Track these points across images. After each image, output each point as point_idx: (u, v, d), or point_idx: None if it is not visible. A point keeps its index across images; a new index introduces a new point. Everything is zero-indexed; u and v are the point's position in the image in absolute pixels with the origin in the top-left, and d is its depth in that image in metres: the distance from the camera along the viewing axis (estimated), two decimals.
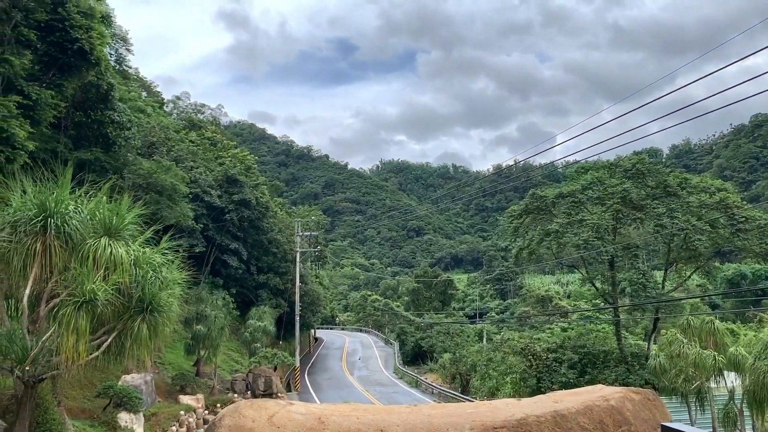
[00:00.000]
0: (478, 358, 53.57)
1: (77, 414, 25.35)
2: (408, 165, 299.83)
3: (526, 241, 47.33)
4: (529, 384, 42.32)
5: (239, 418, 3.73)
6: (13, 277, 14.33)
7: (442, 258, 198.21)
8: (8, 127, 26.24)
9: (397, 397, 50.13)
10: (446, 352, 65.12)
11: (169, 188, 41.45)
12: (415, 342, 79.12)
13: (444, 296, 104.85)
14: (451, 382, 57.12)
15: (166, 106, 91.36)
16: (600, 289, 46.73)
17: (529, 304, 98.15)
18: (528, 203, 48.17)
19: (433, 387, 54.69)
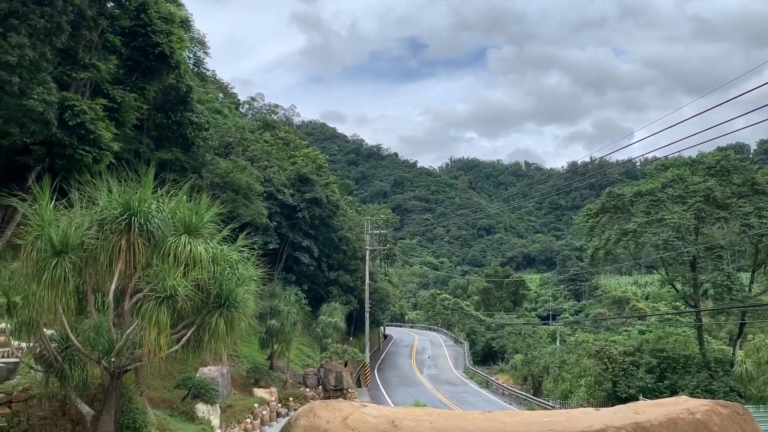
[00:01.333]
0: (550, 360, 52.46)
1: (158, 404, 26.45)
2: (478, 162, 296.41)
3: (602, 241, 45.92)
4: (604, 388, 41.03)
5: (314, 418, 3.74)
6: (100, 273, 15.07)
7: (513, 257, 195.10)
8: (96, 129, 27.69)
9: (467, 396, 49.73)
10: (518, 353, 64.11)
11: (245, 187, 42.65)
12: (486, 342, 78.29)
13: (515, 296, 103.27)
14: (522, 384, 56.16)
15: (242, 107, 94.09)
16: (681, 291, 44.68)
17: (604, 306, 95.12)
18: (604, 201, 46.66)
19: (504, 388, 53.93)
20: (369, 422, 3.71)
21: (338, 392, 42.91)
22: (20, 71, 24.48)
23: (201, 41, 60.70)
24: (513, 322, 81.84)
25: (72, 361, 14.91)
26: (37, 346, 15.35)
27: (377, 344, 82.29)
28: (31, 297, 14.10)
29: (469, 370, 66.82)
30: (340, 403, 3.95)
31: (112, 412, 15.28)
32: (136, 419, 17.64)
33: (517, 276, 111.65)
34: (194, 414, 27.57)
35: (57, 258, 13.88)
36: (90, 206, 15.23)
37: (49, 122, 25.74)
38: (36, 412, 15.88)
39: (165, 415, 25.44)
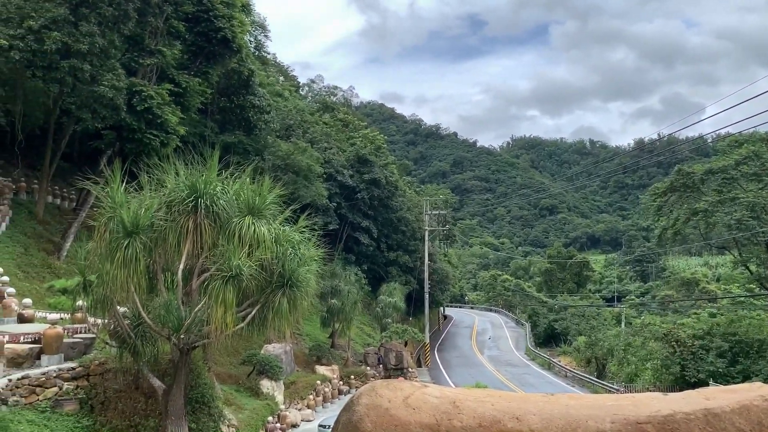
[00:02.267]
0: (615, 343, 51.25)
1: (225, 379, 27.38)
2: (540, 141, 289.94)
3: (670, 221, 44.34)
4: (672, 372, 39.82)
5: (376, 397, 3.77)
6: (169, 253, 15.63)
7: (577, 238, 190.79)
8: (162, 114, 28.57)
9: (528, 378, 49.29)
10: (581, 335, 62.95)
11: (305, 169, 43.23)
12: (548, 324, 77.20)
13: (579, 278, 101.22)
14: (585, 366, 55.16)
15: (302, 89, 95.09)
16: (755, 273, 42.73)
17: (672, 288, 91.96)
18: (673, 180, 44.95)
19: (567, 370, 53.14)
20: (430, 402, 3.71)
21: (398, 371, 43.32)
22: (91, 59, 25.47)
23: (261, 25, 61.53)
24: (576, 304, 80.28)
25: (144, 337, 15.58)
26: (111, 323, 16.11)
27: (437, 325, 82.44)
28: (105, 276, 14.78)
29: (531, 352, 66.13)
30: (401, 382, 3.96)
31: (182, 387, 15.92)
32: (204, 394, 18.34)
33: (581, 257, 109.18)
34: (259, 390, 28.42)
35: (128, 238, 14.47)
36: (159, 188, 15.78)
37: (119, 107, 26.72)
38: (111, 385, 16.71)
39: (231, 391, 26.32)
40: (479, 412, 3.62)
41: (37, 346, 16.57)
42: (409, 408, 3.69)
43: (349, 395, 38.37)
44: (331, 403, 35.73)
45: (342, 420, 3.94)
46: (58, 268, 27.98)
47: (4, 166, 36.92)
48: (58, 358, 16.56)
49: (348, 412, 3.91)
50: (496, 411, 3.61)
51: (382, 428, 3.67)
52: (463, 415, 3.61)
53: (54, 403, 15.51)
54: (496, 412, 3.60)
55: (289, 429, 28.41)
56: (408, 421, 3.64)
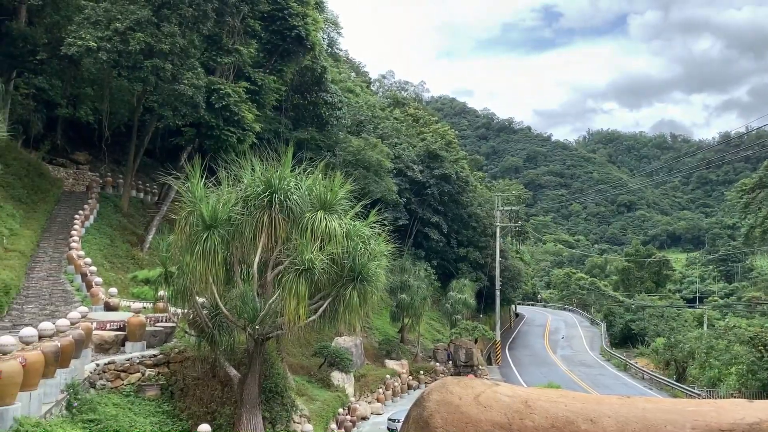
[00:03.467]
0: (696, 345, 49.01)
1: (297, 370, 28.00)
2: (618, 135, 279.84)
3: (759, 219, 42.03)
4: (759, 377, 37.74)
5: (447, 394, 3.77)
6: (245, 246, 16.10)
7: (656, 235, 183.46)
8: (239, 111, 29.46)
9: (602, 379, 47.89)
10: (659, 337, 60.60)
11: (376, 164, 43.53)
12: (625, 324, 74.72)
13: (658, 277, 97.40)
14: (664, 369, 53.03)
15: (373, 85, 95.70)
16: None
17: (760, 289, 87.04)
18: (762, 176, 42.61)
19: (644, 372, 51.25)
20: (502, 401, 3.67)
21: (468, 368, 43.03)
22: (172, 58, 26.54)
23: (334, 22, 62.25)
24: (655, 304, 77.31)
25: (221, 327, 16.13)
26: (190, 313, 16.77)
27: (508, 323, 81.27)
28: (185, 267, 15.40)
29: (606, 352, 64.16)
30: (472, 380, 3.94)
31: (256, 376, 16.40)
32: (277, 383, 18.82)
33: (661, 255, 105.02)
34: (330, 381, 28.91)
35: (207, 232, 15.00)
36: (235, 184, 16.28)
37: (198, 105, 27.73)
38: (190, 373, 17.40)
39: (303, 381, 26.88)
40: (552, 412, 3.55)
41: (122, 334, 17.46)
42: (480, 406, 3.67)
43: (418, 391, 38.50)
44: (400, 397, 35.92)
45: (412, 415, 3.96)
46: (141, 260, 29.39)
47: (92, 162, 39.15)
48: (141, 345, 17.39)
49: (419, 408, 3.93)
50: (570, 412, 3.53)
51: (453, 425, 3.66)
52: (535, 415, 3.55)
53: (137, 388, 16.30)
54: (569, 414, 3.52)
55: (359, 421, 28.74)
56: (479, 419, 3.62)
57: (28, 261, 23.90)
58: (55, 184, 33.74)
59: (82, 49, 24.89)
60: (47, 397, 11.26)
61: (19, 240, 24.94)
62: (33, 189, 30.95)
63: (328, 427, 23.86)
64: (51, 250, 25.62)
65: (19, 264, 22.79)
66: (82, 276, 22.51)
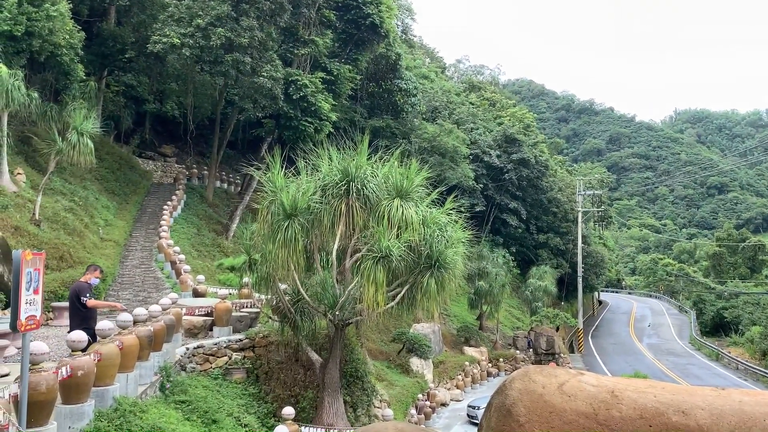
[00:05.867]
0: None
1: (376, 355, 28.33)
2: (708, 113, 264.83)
3: None
4: None
5: (529, 382, 3.70)
6: (324, 234, 16.42)
7: (751, 219, 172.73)
8: (316, 101, 29.92)
9: (692, 369, 45.83)
10: (755, 325, 57.28)
11: (451, 150, 43.19)
12: (716, 312, 71.08)
13: (753, 262, 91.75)
14: (760, 359, 50.14)
15: (448, 70, 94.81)
16: None
17: None
18: None
19: (739, 362, 48.64)
20: (587, 390, 3.57)
21: (549, 356, 42.17)
22: (251, 51, 27.25)
23: (408, 8, 62.05)
24: (750, 291, 73.05)
25: (302, 313, 16.52)
26: (273, 299, 17.27)
27: (591, 310, 79.05)
28: (267, 255, 15.86)
29: (696, 341, 61.31)
30: (555, 369, 3.85)
31: (337, 361, 16.73)
32: (357, 368, 19.12)
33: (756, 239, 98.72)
34: (409, 367, 29.09)
35: (288, 220, 15.38)
36: (314, 173, 16.59)
37: (277, 97, 28.37)
38: (274, 357, 17.94)
39: (383, 367, 27.18)
40: (640, 403, 3.42)
41: (209, 319, 18.20)
42: (564, 395, 3.58)
43: (497, 378, 38.17)
44: (480, 384, 35.72)
45: (495, 403, 3.91)
46: (226, 248, 30.51)
47: (178, 155, 40.92)
48: (228, 330, 18.07)
49: (501, 396, 3.88)
50: (659, 403, 3.39)
51: (536, 414, 3.59)
52: (622, 405, 3.43)
53: (224, 371, 16.97)
54: (659, 404, 3.38)
55: (439, 407, 28.81)
56: (563, 408, 3.53)
57: (121, 250, 25.30)
58: (144, 176, 35.52)
59: (167, 46, 25.95)
60: (142, 378, 11.90)
61: (114, 230, 26.45)
62: (125, 181, 32.71)
63: (408, 412, 24.05)
64: (142, 239, 26.98)
65: (114, 253, 24.16)
66: (171, 264, 23.56)
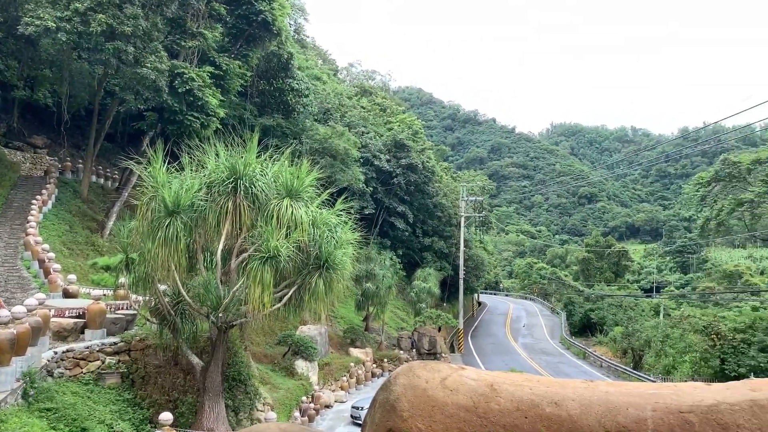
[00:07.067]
0: (653, 334, 50.41)
1: (260, 358, 27.84)
2: (581, 128, 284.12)
3: (714, 211, 43.28)
4: (711, 365, 39.04)
5: (413, 377, 3.78)
6: (209, 233, 15.93)
7: (616, 227, 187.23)
8: (203, 96, 28.93)
9: (562, 367, 48.88)
10: (617, 326, 62.08)
11: (342, 153, 43.31)
12: (584, 313, 76.29)
13: (617, 267, 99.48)
14: (621, 357, 54.44)
15: (340, 73, 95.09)
16: None
17: (714, 280, 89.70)
18: (718, 170, 43.81)
19: (603, 360, 52.51)
20: (468, 384, 3.70)
21: (431, 356, 43.41)
22: (135, 41, 25.91)
23: (301, 8, 61.64)
24: (614, 294, 79.11)
25: (183, 315, 15.93)
26: (152, 300, 16.52)
27: (471, 311, 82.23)
28: (146, 254, 15.15)
29: (566, 341, 65.50)
30: (439, 364, 3.96)
31: (219, 364, 16.26)
32: (240, 372, 18.70)
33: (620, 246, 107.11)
34: (294, 370, 28.83)
35: (170, 218, 14.77)
36: (199, 169, 16.05)
37: (161, 89, 27.15)
38: (151, 361, 17.15)
39: (267, 370, 26.77)
40: (517, 395, 3.60)
41: (81, 321, 17.09)
42: (446, 389, 3.70)
43: (381, 378, 38.69)
44: (364, 385, 36.05)
45: (379, 399, 3.97)
46: (102, 246, 28.78)
47: (50, 146, 38.07)
48: (101, 333, 17.05)
49: (385, 392, 3.94)
50: (534, 395, 3.59)
51: (419, 408, 3.68)
52: (500, 398, 3.60)
53: (97, 376, 16.00)
54: (534, 397, 3.58)
55: (323, 409, 28.77)
56: (445, 402, 3.65)
57: None
58: (11, 168, 32.72)
59: (40, 29, 24.10)
60: (2, 385, 10.98)
61: None
62: None
63: (291, 415, 23.81)
64: (6, 235, 24.89)
65: None
66: (39, 262, 21.95)
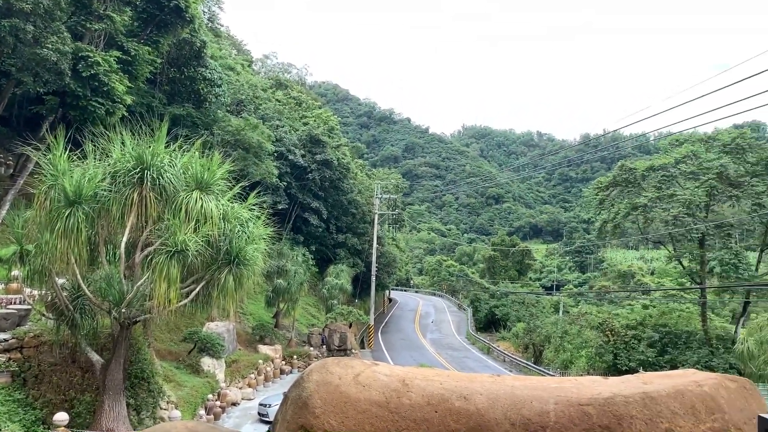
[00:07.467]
0: (552, 330, 52.87)
1: (165, 356, 26.94)
2: (490, 131, 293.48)
3: (611, 214, 45.73)
4: (605, 360, 41.42)
5: (326, 374, 3.81)
6: (112, 225, 15.23)
7: (520, 227, 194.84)
8: (109, 81, 27.58)
9: (468, 362, 50.31)
10: (520, 322, 64.61)
11: (256, 146, 42.52)
12: (489, 309, 78.84)
13: (521, 266, 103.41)
14: (523, 352, 56.75)
15: (255, 64, 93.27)
16: (687, 268, 44.65)
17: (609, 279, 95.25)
18: (616, 175, 46.34)
19: (505, 355, 54.49)
20: (380, 380, 3.77)
21: (341, 352, 43.48)
22: (34, 19, 24.32)
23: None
24: (517, 291, 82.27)
25: (83, 310, 15.17)
26: (48, 295, 15.61)
27: (382, 307, 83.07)
28: (43, 246, 14.29)
29: (472, 336, 67.49)
30: (352, 360, 4.01)
31: (120, 362, 15.60)
32: (143, 369, 18.02)
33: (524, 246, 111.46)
34: (200, 367, 28.08)
35: (70, 208, 14.01)
36: (103, 158, 15.31)
37: (63, 72, 25.66)
38: (47, 359, 16.21)
39: (171, 367, 25.94)
40: (428, 390, 3.71)
41: None
42: (359, 385, 3.74)
43: (291, 375, 38.41)
44: (272, 382, 35.65)
45: (291, 396, 3.96)
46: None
47: None
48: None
49: (298, 388, 3.94)
50: (444, 390, 3.71)
51: (332, 405, 3.71)
52: (412, 393, 3.69)
53: None
54: (444, 391, 3.70)
55: (229, 407, 28.23)
56: (358, 398, 3.69)
57: None
58: None
59: None
60: None
61: None
62: None
63: (196, 414, 23.19)
64: None
65: None
66: None
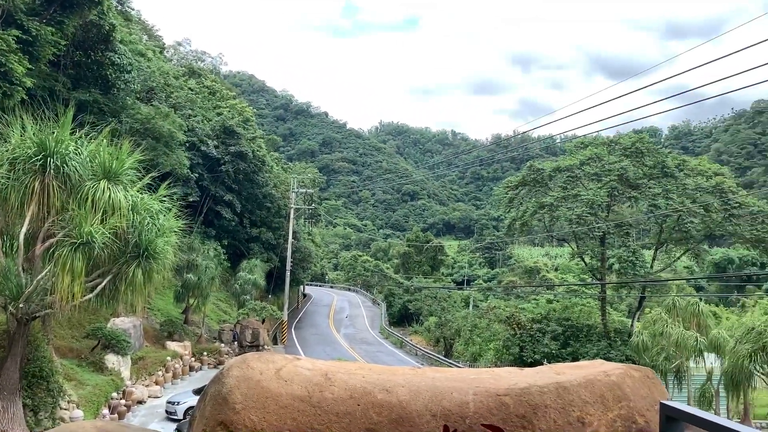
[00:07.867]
0: (463, 324, 54.32)
1: (65, 353, 25.62)
2: (407, 128, 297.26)
3: (519, 213, 47.49)
4: (512, 352, 43.00)
5: (247, 369, 3.77)
6: (10, 215, 14.32)
7: (434, 224, 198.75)
8: (7, 62, 25.85)
9: (381, 356, 50.86)
10: (432, 316, 65.97)
11: (167, 135, 41.06)
12: (403, 304, 80.00)
13: (434, 261, 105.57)
14: (435, 345, 58.03)
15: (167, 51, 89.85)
16: (588, 264, 47.12)
17: (516, 275, 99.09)
18: (525, 175, 48.16)
19: (418, 348, 55.51)
20: (302, 375, 3.77)
21: (254, 348, 42.79)
22: None
23: None
24: (430, 286, 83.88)
25: None
26: None
27: (296, 303, 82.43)
28: None
29: (385, 331, 68.26)
30: (273, 354, 3.99)
31: (17, 360, 14.71)
32: (42, 367, 17.08)
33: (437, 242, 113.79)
34: (104, 365, 26.93)
35: None
36: (0, 143, 14.35)
37: None
38: None
39: (73, 365, 24.74)
40: (351, 384, 3.75)
41: None
42: (281, 380, 3.74)
43: (200, 372, 37.49)
44: (181, 380, 34.70)
45: (210, 392, 3.90)
46: None
47: None
48: None
49: (217, 384, 3.88)
50: (367, 383, 3.76)
51: (253, 400, 3.68)
52: (334, 387, 3.72)
53: None
54: (366, 384, 3.75)
55: (135, 405, 27.27)
56: (279, 393, 3.69)
57: None
58: None
59: None
60: None
61: None
62: None
63: (99, 413, 22.21)
64: None
65: None
66: None
